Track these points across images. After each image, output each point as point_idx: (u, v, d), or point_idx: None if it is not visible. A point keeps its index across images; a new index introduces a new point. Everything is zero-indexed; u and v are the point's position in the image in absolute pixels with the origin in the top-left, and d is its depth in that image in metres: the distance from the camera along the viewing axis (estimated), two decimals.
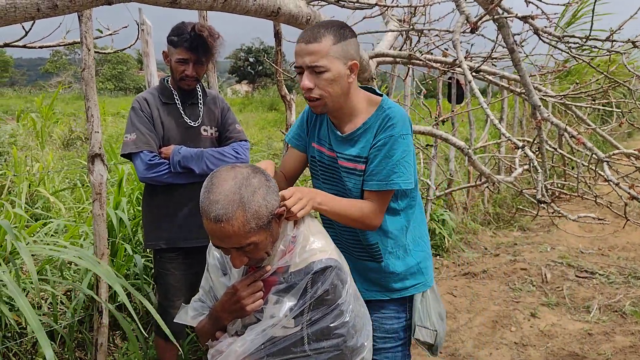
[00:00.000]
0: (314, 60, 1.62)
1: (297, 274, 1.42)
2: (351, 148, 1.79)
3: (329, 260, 1.42)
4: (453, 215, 5.93)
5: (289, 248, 1.45)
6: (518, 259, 5.28)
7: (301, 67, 1.65)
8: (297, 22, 2.45)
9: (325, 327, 1.41)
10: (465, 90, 6.04)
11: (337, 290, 1.42)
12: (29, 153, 7.37)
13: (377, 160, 1.72)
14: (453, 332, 3.83)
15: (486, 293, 4.48)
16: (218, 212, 1.28)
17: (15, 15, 1.49)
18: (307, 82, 1.64)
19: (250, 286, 1.43)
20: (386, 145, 1.71)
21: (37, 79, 47.52)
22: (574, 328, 3.86)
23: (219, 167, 1.38)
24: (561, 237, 6.14)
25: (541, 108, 2.02)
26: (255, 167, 1.38)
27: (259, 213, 1.32)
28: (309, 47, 1.62)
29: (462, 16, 1.94)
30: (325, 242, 1.47)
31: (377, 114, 1.77)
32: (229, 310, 1.45)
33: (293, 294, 1.40)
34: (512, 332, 3.83)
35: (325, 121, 1.89)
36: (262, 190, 1.34)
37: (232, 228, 1.29)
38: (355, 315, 1.47)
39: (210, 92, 2.77)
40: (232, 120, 2.78)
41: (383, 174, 1.71)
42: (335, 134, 1.83)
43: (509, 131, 8.14)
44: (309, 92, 1.66)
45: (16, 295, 2.39)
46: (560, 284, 4.63)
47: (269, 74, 49.77)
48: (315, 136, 1.93)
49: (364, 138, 1.77)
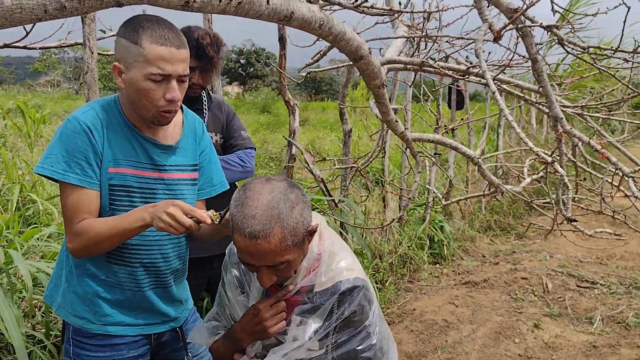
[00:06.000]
0: (185, 68, 1.53)
1: (322, 294, 1.34)
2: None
3: (356, 280, 1.34)
4: (452, 222, 5.88)
5: (314, 266, 1.37)
6: (518, 267, 5.23)
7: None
8: (310, 27, 2.37)
9: (352, 350, 1.34)
10: (465, 97, 6.00)
11: (365, 311, 1.34)
12: (17, 155, 7.23)
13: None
14: (457, 343, 3.77)
15: (488, 303, 4.43)
16: (254, 227, 1.20)
17: (22, 17, 1.40)
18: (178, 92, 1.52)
19: (273, 307, 1.35)
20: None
21: (26, 77, 47.04)
22: (578, 340, 3.81)
23: (252, 180, 1.30)
24: (559, 245, 6.11)
25: (563, 120, 1.97)
26: (290, 181, 1.30)
27: (296, 230, 1.24)
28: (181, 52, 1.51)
29: (485, 24, 1.88)
30: (351, 261, 1.40)
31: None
32: (250, 332, 1.37)
33: (318, 315, 1.33)
34: (516, 344, 3.77)
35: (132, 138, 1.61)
36: (300, 206, 1.27)
37: (268, 245, 1.21)
38: (382, 337, 1.40)
39: (215, 98, 2.69)
40: (237, 127, 2.70)
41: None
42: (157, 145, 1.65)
43: (507, 137, 8.12)
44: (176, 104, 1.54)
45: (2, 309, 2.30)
46: (561, 294, 4.59)
47: (259, 76, 49.64)
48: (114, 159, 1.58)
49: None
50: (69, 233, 1.50)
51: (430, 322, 4.09)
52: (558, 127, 1.98)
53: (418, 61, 2.64)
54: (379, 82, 2.82)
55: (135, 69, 1.46)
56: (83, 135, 1.49)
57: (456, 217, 6.43)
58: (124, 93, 1.57)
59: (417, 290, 4.81)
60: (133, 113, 1.57)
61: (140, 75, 1.46)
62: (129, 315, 1.64)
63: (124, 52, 1.47)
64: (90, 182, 1.51)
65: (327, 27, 2.45)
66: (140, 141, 1.59)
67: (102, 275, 1.60)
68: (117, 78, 1.52)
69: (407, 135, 2.91)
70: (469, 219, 6.65)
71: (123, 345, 1.65)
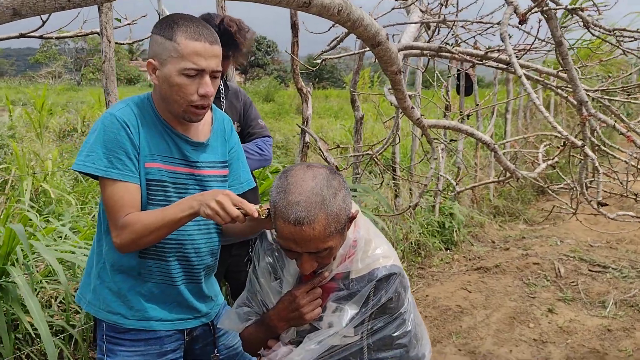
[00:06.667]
0: (218, 64, 1.53)
1: (358, 281, 1.34)
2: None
3: (393, 267, 1.34)
4: (462, 208, 5.87)
5: (349, 253, 1.37)
6: (529, 253, 5.24)
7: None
8: (329, 12, 2.34)
9: (387, 336, 1.34)
10: (473, 82, 5.97)
11: (400, 298, 1.35)
12: (26, 146, 7.24)
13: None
14: (471, 328, 3.78)
15: (501, 288, 4.44)
16: (299, 214, 1.20)
17: (45, 5, 1.39)
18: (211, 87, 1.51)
19: (309, 293, 1.35)
20: None
21: (27, 69, 46.87)
22: (592, 324, 3.82)
23: (292, 166, 1.30)
24: (568, 230, 6.12)
25: (588, 104, 1.95)
26: (331, 168, 1.30)
27: (339, 216, 1.24)
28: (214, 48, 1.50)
29: (510, 7, 1.86)
30: (387, 248, 1.40)
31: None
32: (286, 319, 1.38)
33: (355, 301, 1.33)
34: (530, 329, 3.78)
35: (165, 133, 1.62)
36: (342, 192, 1.26)
37: (312, 231, 1.20)
38: (417, 324, 1.40)
39: (232, 87, 2.67)
40: (254, 116, 2.69)
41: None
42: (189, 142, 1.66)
43: (514, 122, 8.09)
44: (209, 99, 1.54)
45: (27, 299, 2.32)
46: (574, 279, 4.60)
47: (261, 65, 49.50)
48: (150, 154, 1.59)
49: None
50: (115, 228, 1.48)
51: (443, 308, 4.10)
52: (583, 110, 1.97)
53: (435, 46, 2.62)
54: (396, 69, 2.80)
55: (170, 64, 1.46)
56: (121, 130, 1.50)
57: (464, 203, 6.42)
58: (156, 90, 1.57)
59: (429, 276, 4.82)
60: (165, 110, 1.58)
61: (175, 70, 1.46)
62: (163, 309, 1.64)
63: (159, 48, 1.48)
64: (132, 176, 1.50)
65: (345, 12, 2.43)
66: (172, 137, 1.60)
67: (135, 270, 1.60)
68: (150, 75, 1.53)
69: (423, 122, 2.89)
70: (478, 205, 6.65)
71: (156, 340, 1.65)
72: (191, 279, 1.68)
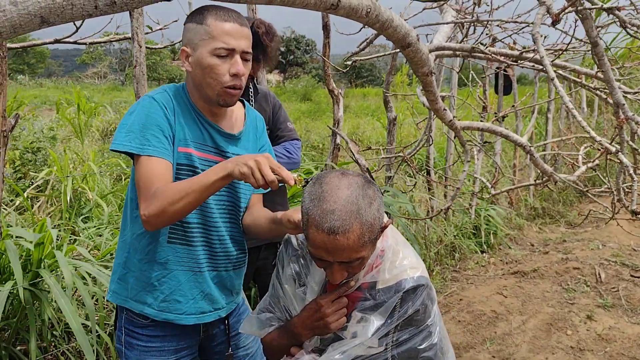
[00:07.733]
0: (248, 46, 1.57)
1: (385, 291, 1.32)
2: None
3: (420, 279, 1.31)
4: (500, 210, 5.75)
5: (376, 262, 1.35)
6: (570, 257, 5.09)
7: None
8: (357, 15, 2.32)
9: (413, 349, 1.31)
10: (512, 82, 5.83)
11: (427, 310, 1.32)
12: (67, 147, 7.45)
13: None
14: (506, 335, 3.69)
15: (538, 294, 4.32)
16: (334, 223, 1.18)
17: (72, 13, 1.42)
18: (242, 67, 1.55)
19: (335, 302, 1.33)
20: None
21: (74, 69, 48.37)
22: (632, 332, 3.68)
23: (325, 173, 1.28)
24: (611, 233, 5.91)
25: (625, 107, 1.87)
26: (365, 176, 1.28)
27: (374, 226, 1.22)
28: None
29: (543, 7, 1.80)
30: (415, 258, 1.37)
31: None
32: (311, 327, 1.36)
33: (381, 312, 1.30)
34: (568, 336, 3.67)
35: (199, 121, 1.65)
36: (377, 202, 1.25)
37: (347, 241, 1.18)
38: (442, 337, 1.37)
39: (261, 89, 2.68)
40: (283, 119, 2.69)
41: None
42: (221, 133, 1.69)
43: (556, 121, 7.87)
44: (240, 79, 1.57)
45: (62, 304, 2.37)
46: (615, 284, 4.44)
47: (300, 64, 49.63)
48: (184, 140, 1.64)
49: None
50: (144, 200, 1.45)
51: (478, 313, 4.02)
52: (620, 113, 1.89)
53: (468, 47, 2.57)
54: (427, 70, 2.76)
55: (202, 47, 1.51)
56: (160, 111, 1.53)
57: (502, 205, 6.29)
58: (190, 79, 1.61)
59: (464, 280, 4.74)
60: (199, 99, 1.62)
61: (206, 52, 1.50)
62: (187, 301, 1.65)
63: (191, 34, 1.53)
64: (167, 154, 1.51)
65: (374, 14, 2.40)
66: (205, 126, 1.63)
67: (162, 258, 1.60)
68: (184, 63, 1.57)
69: (456, 124, 2.84)
70: (517, 207, 6.50)
71: (172, 337, 1.67)
72: (215, 267, 1.69)
